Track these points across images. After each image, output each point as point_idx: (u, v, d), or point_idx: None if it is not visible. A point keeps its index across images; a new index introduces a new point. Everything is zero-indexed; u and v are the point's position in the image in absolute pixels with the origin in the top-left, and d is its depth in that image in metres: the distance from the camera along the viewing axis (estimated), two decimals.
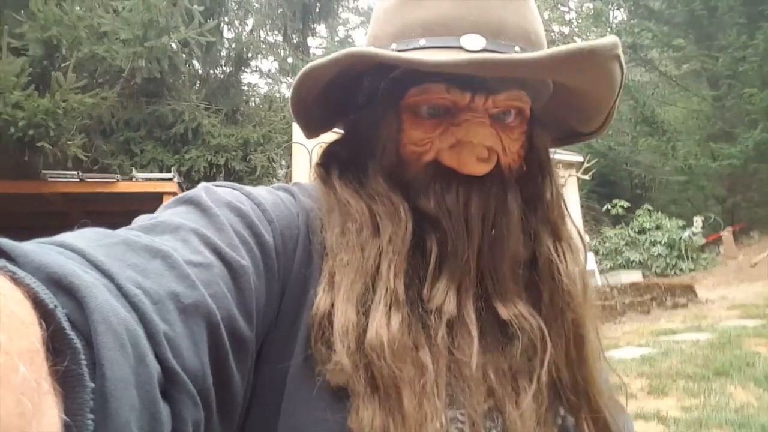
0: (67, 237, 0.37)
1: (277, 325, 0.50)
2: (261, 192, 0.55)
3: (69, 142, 6.21)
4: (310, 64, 0.55)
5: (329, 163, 0.61)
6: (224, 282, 0.42)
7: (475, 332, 0.51)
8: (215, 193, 0.50)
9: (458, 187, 0.54)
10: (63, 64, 6.49)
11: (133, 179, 6.91)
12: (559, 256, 0.57)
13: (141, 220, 0.46)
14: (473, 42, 0.53)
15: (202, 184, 0.52)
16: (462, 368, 0.50)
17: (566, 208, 0.62)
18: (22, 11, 6.24)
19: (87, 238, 0.38)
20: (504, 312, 0.53)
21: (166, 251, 0.39)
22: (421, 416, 0.46)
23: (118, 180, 6.65)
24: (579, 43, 0.48)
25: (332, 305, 0.49)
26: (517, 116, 0.58)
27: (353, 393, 0.46)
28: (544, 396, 0.53)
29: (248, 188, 0.55)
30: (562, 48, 0.48)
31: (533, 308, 0.55)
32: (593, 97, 0.59)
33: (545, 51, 0.49)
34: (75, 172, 6.34)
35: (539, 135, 0.60)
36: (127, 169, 7.92)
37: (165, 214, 0.47)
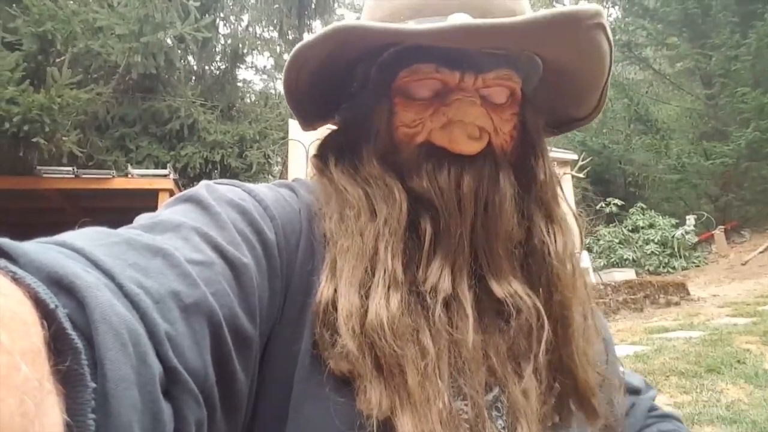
0: (67, 236, 0.37)
1: (282, 322, 0.49)
2: (262, 189, 0.55)
3: (64, 138, 6.17)
4: (299, 44, 0.55)
5: (325, 153, 0.62)
6: (226, 280, 0.42)
7: (470, 310, 0.51)
8: (216, 190, 0.50)
9: (450, 166, 0.54)
10: (58, 59, 6.45)
11: (129, 175, 6.90)
12: (550, 236, 0.57)
13: (142, 218, 0.46)
14: (460, 19, 0.52)
15: (204, 182, 0.52)
16: (461, 349, 0.50)
17: (561, 190, 0.61)
18: (15, 5, 6.20)
19: (88, 237, 0.38)
20: (498, 290, 0.53)
21: (168, 250, 0.39)
22: (425, 396, 0.46)
23: (113, 176, 6.64)
24: (561, 8, 0.49)
25: (336, 291, 0.49)
26: (509, 97, 0.58)
27: (359, 376, 0.46)
28: (542, 375, 0.53)
29: (249, 185, 0.54)
30: (544, 11, 0.49)
31: (530, 288, 0.55)
32: (583, 76, 0.60)
33: (526, 15, 0.49)
34: (70, 168, 6.31)
35: (532, 117, 0.60)
36: (122, 165, 7.88)
37: (166, 212, 0.47)
